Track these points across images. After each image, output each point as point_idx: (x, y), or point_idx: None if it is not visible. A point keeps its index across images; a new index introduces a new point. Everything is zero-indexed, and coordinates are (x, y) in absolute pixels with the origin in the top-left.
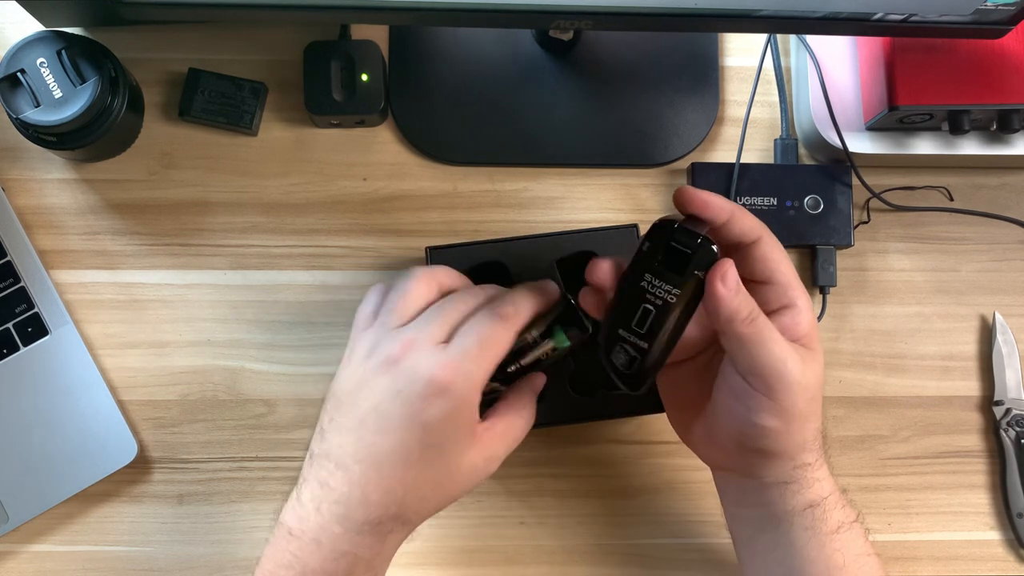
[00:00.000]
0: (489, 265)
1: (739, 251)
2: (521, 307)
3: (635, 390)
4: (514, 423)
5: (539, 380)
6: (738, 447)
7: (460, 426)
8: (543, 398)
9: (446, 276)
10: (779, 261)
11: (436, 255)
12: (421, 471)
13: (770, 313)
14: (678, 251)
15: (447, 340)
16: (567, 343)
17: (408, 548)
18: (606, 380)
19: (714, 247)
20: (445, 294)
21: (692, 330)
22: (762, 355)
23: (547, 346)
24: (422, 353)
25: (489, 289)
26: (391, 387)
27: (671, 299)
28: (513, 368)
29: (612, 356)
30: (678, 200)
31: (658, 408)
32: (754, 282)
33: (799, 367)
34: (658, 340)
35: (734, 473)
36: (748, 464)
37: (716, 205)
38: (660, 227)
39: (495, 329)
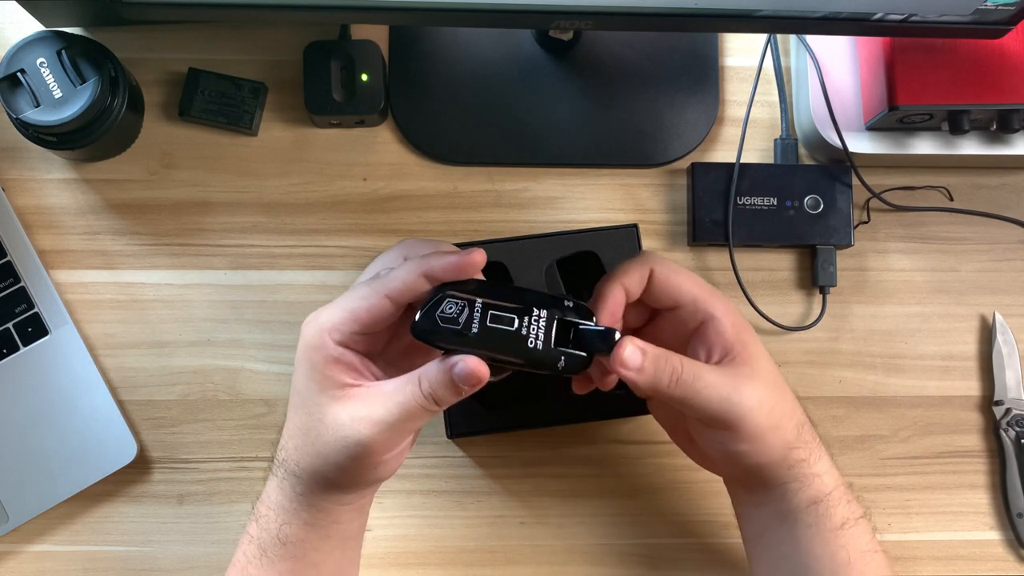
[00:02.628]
0: (489, 265)
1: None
2: (393, 273)
3: (415, 326)
4: (400, 390)
5: (466, 362)
6: (730, 466)
7: (312, 372)
8: (542, 398)
9: (413, 247)
10: (678, 283)
11: None
12: (293, 415)
13: (692, 332)
14: (581, 331)
15: None
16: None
17: (408, 548)
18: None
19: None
20: None
21: (667, 341)
22: (701, 406)
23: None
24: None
25: (418, 249)
26: None
27: (530, 344)
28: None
29: (446, 301)
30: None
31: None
32: (667, 309)
33: (739, 395)
34: (485, 343)
35: (738, 483)
36: (746, 475)
37: (600, 307)
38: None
39: (359, 289)
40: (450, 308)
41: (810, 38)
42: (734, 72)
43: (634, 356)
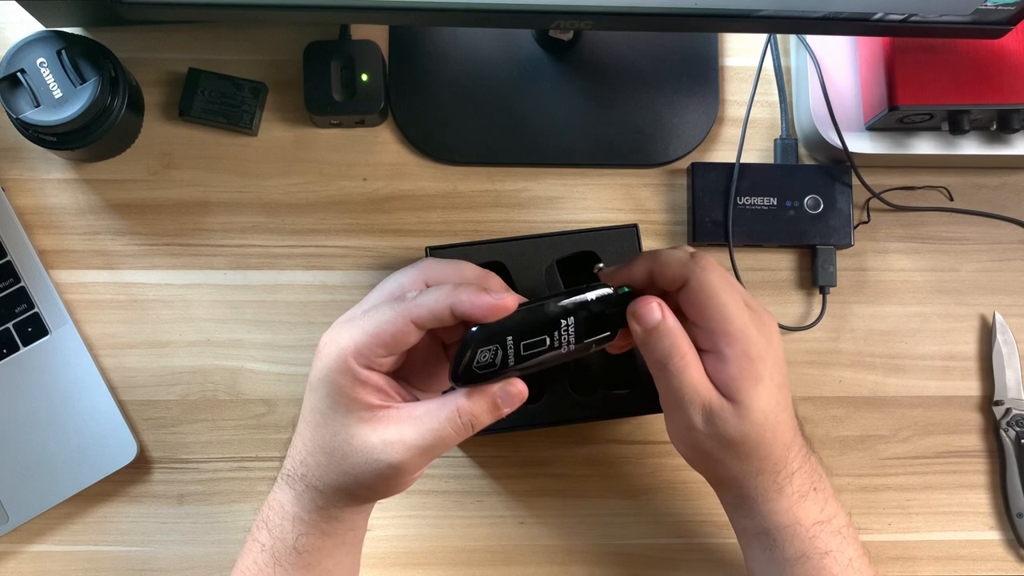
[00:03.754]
0: (489, 265)
1: (677, 295)
2: (421, 297)
3: (455, 379)
4: (435, 415)
5: (510, 388)
6: (691, 458)
7: (336, 394)
8: (542, 397)
9: (433, 269)
10: (707, 306)
11: (436, 255)
12: (313, 433)
13: (703, 352)
14: (603, 320)
15: None
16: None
17: (408, 548)
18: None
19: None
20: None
21: None
22: (666, 397)
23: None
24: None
25: (447, 274)
26: None
27: (564, 350)
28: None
29: (479, 352)
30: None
31: (659, 408)
32: (689, 321)
33: (700, 420)
34: (522, 367)
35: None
36: (702, 472)
37: (624, 273)
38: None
39: (384, 311)
40: (484, 357)
41: (810, 38)
42: (734, 72)
43: (650, 314)
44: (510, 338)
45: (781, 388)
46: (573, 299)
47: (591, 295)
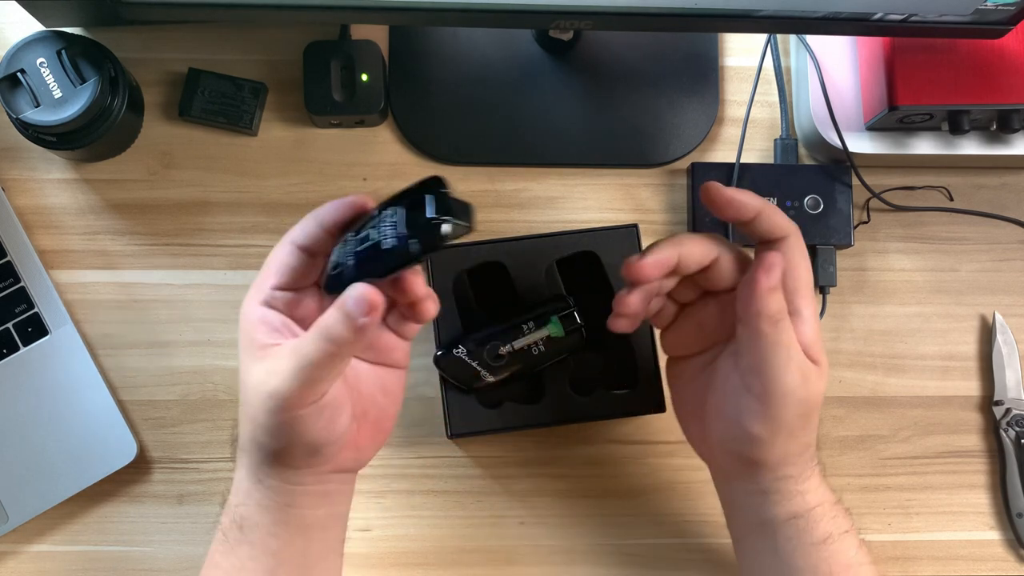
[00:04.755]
0: (489, 265)
1: (764, 247)
2: (301, 224)
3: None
4: (303, 338)
5: (352, 291)
6: (723, 450)
7: (243, 338)
8: (542, 397)
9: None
10: (796, 266)
11: (437, 255)
12: (239, 389)
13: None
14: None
15: None
16: (561, 332)
17: (408, 548)
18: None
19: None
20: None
21: (710, 322)
22: (770, 357)
23: (541, 334)
24: None
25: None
26: None
27: (388, 244)
28: (504, 350)
29: (328, 266)
30: (704, 196)
31: (659, 408)
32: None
33: (798, 380)
34: (365, 273)
35: (723, 475)
36: (732, 468)
37: (739, 202)
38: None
39: (275, 248)
40: (331, 260)
41: (810, 38)
42: (734, 72)
43: (778, 272)
44: (348, 237)
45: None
46: (389, 199)
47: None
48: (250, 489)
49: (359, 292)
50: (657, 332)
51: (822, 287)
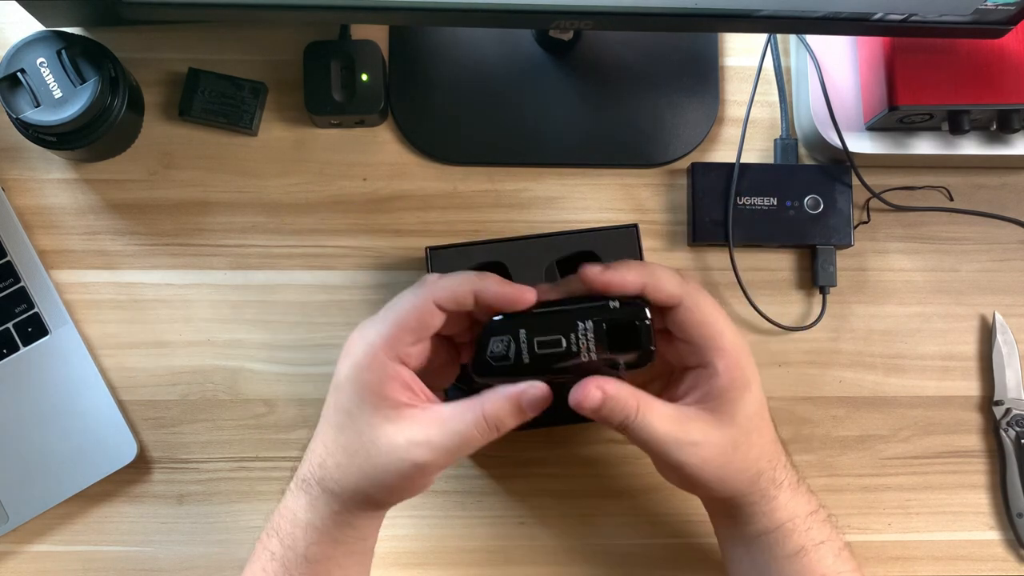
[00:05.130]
0: (489, 265)
1: (668, 313)
2: (444, 279)
3: (473, 369)
4: (460, 417)
5: (532, 390)
6: (690, 488)
7: (365, 392)
8: None
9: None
10: (701, 324)
11: (436, 255)
12: (336, 434)
13: (686, 369)
14: (628, 331)
15: None
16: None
17: (408, 548)
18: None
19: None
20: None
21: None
22: (650, 449)
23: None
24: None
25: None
26: None
27: (584, 358)
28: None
29: (492, 342)
30: (585, 280)
31: None
32: (676, 340)
33: (685, 450)
34: (540, 367)
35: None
36: (707, 502)
37: (618, 281)
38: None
39: (404, 297)
40: (497, 348)
41: (810, 38)
42: (734, 72)
43: (593, 396)
44: (523, 331)
45: (760, 391)
46: (594, 301)
47: (616, 301)
48: (329, 528)
49: (540, 393)
50: None
51: (822, 287)
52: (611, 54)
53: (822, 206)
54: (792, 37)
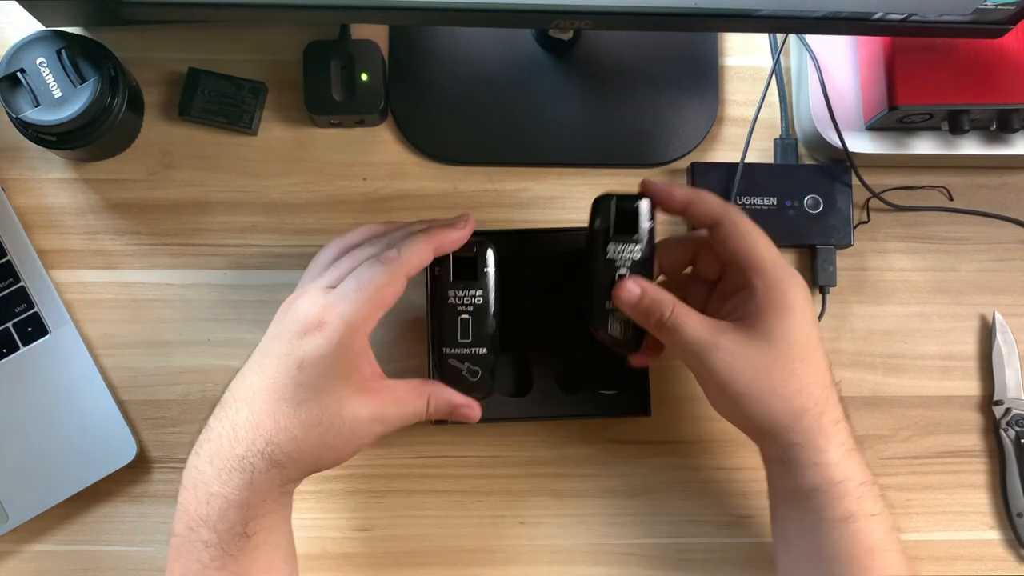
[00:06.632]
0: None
1: (710, 233)
2: (406, 251)
3: (634, 347)
4: (415, 394)
5: (469, 411)
6: (733, 413)
7: (338, 367)
8: (529, 392)
9: (355, 235)
10: (739, 240)
11: None
12: (294, 409)
13: (732, 292)
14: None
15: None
16: None
17: (408, 548)
18: (592, 379)
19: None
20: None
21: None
22: (679, 352)
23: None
24: (306, 298)
25: (394, 236)
26: (274, 329)
27: (638, 255)
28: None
29: (609, 329)
30: (642, 190)
31: (644, 411)
32: (723, 263)
33: (712, 355)
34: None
35: (758, 444)
36: (753, 437)
37: (666, 192)
38: (602, 201)
39: (375, 273)
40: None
41: (810, 38)
42: (734, 72)
43: (631, 290)
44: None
45: (814, 327)
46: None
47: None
48: (267, 501)
49: (475, 415)
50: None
51: (822, 287)
52: (611, 54)
53: (822, 206)
54: (792, 37)
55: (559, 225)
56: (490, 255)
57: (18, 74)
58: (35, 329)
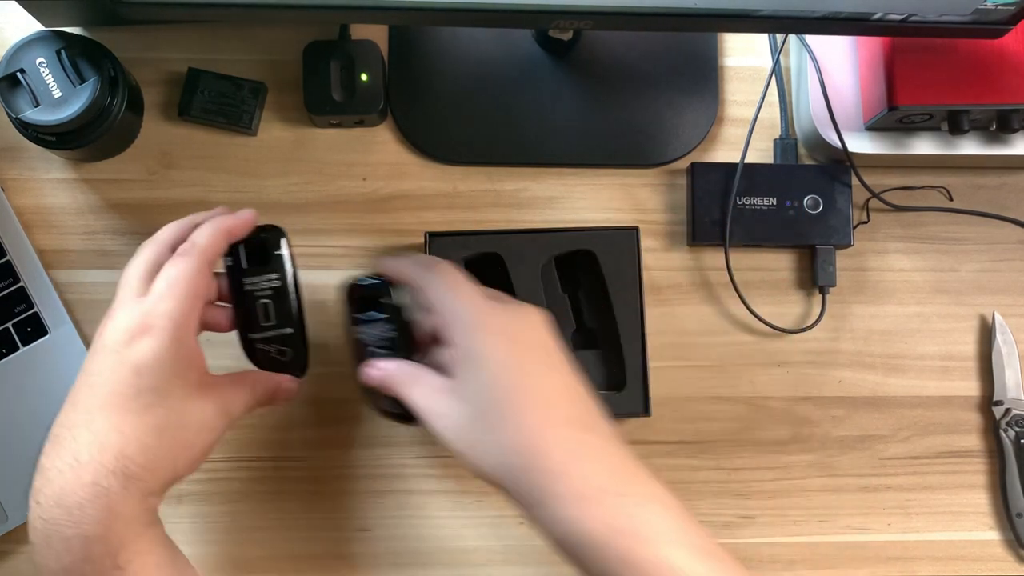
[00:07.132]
0: (486, 257)
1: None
2: (200, 240)
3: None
4: (242, 384)
5: (288, 384)
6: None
7: (176, 366)
8: None
9: (160, 238)
10: (433, 305)
11: (436, 241)
12: (139, 416)
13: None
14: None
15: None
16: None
17: (408, 548)
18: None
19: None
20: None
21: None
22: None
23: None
24: (122, 311)
25: (184, 231)
26: (96, 345)
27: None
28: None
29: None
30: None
31: (644, 412)
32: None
33: (436, 417)
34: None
35: None
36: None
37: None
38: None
39: (179, 268)
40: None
41: (810, 38)
42: (734, 72)
43: (369, 374)
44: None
45: (511, 373)
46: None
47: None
48: (133, 523)
49: (293, 391)
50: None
51: (822, 287)
52: (611, 54)
53: (822, 206)
54: (792, 37)
55: (559, 225)
56: (282, 240)
57: (18, 74)
58: (35, 329)
